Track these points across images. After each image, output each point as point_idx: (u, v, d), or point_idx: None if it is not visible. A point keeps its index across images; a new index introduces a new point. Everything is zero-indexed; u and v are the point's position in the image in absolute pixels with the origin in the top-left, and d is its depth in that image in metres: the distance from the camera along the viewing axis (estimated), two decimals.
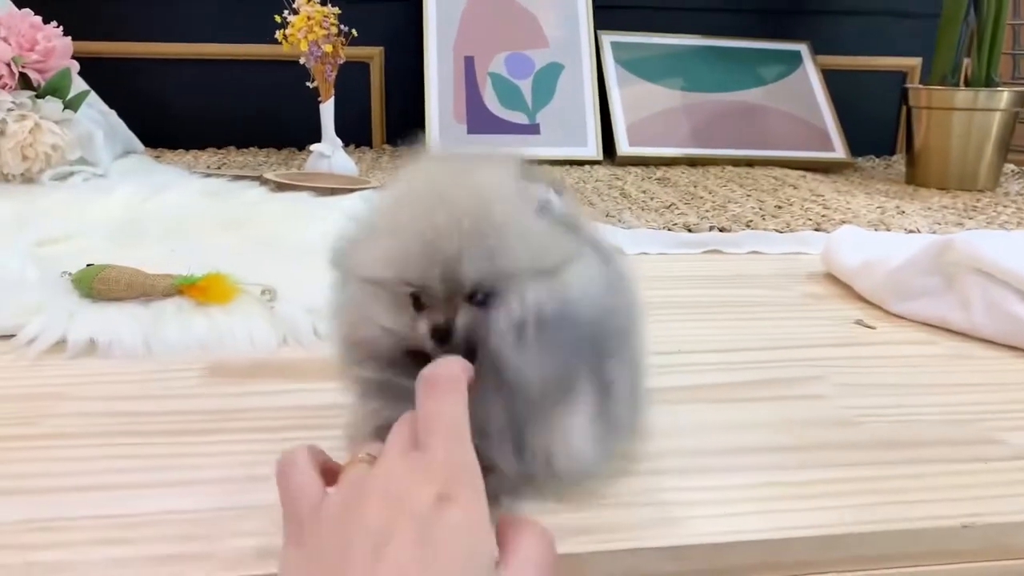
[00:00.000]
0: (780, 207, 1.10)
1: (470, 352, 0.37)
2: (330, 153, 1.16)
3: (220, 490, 0.41)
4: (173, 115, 1.54)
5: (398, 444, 0.33)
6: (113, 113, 1.33)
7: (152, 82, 1.53)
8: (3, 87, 0.97)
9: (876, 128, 1.74)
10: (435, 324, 0.37)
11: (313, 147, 1.17)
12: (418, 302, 0.38)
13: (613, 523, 0.39)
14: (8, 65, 0.98)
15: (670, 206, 1.08)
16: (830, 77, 1.63)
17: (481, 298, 0.37)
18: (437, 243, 0.36)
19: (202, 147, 1.54)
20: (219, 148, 1.54)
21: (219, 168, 1.30)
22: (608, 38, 1.58)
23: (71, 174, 1.04)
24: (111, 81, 1.39)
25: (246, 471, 0.43)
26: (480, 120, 1.45)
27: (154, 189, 0.94)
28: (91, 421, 0.49)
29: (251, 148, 1.55)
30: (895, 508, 0.41)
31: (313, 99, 1.18)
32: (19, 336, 0.59)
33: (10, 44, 0.98)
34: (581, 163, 1.44)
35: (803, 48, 1.66)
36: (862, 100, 1.69)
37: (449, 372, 0.35)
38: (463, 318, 0.37)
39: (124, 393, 0.52)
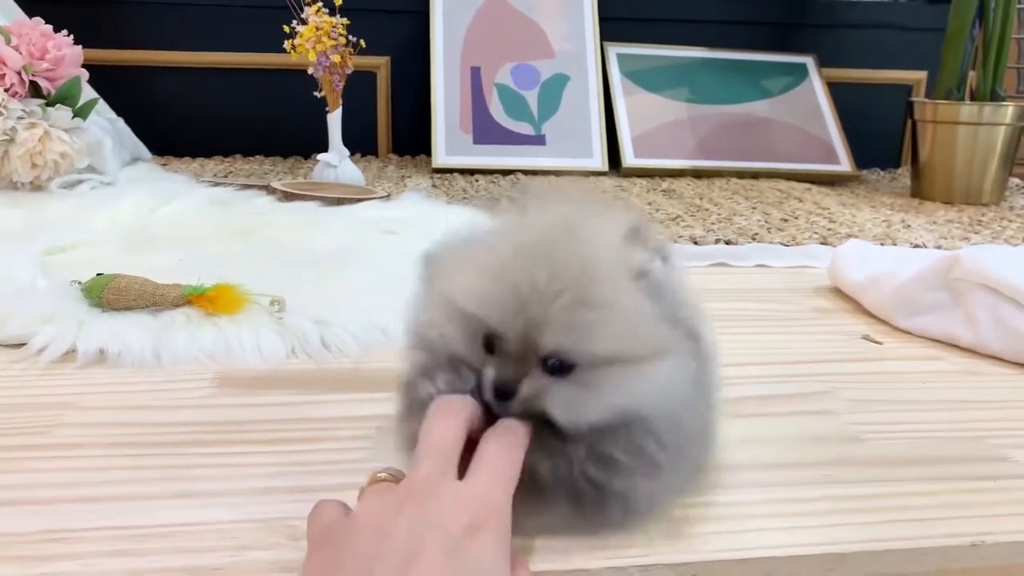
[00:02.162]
0: (786, 220, 1.10)
1: (526, 414, 0.36)
2: (337, 163, 1.17)
3: (231, 502, 0.41)
4: (180, 123, 1.54)
5: (436, 459, 0.34)
6: (121, 120, 1.33)
7: (160, 90, 1.54)
8: (13, 95, 0.98)
9: (881, 141, 1.74)
10: (500, 381, 0.36)
11: (320, 156, 1.18)
12: (490, 343, 0.37)
13: (623, 539, 0.39)
14: (19, 73, 0.98)
15: (676, 218, 1.08)
16: (836, 90, 1.64)
17: (555, 364, 0.35)
18: (528, 299, 0.35)
19: (209, 155, 1.54)
20: (226, 156, 1.55)
21: (226, 176, 1.30)
22: (614, 50, 1.58)
23: (79, 182, 1.04)
24: (119, 89, 1.40)
25: (256, 483, 0.43)
26: (486, 131, 1.45)
27: (162, 198, 0.95)
28: (101, 431, 0.49)
29: (257, 156, 1.56)
30: (903, 526, 0.41)
31: (320, 108, 1.19)
32: (29, 345, 0.59)
33: (21, 52, 0.99)
34: (586, 174, 1.45)
35: (809, 61, 1.66)
36: (867, 113, 1.70)
37: (521, 429, 0.36)
38: (529, 387, 0.36)
39: (134, 403, 0.53)
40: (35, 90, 1.01)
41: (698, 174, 1.48)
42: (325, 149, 1.19)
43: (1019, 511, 0.43)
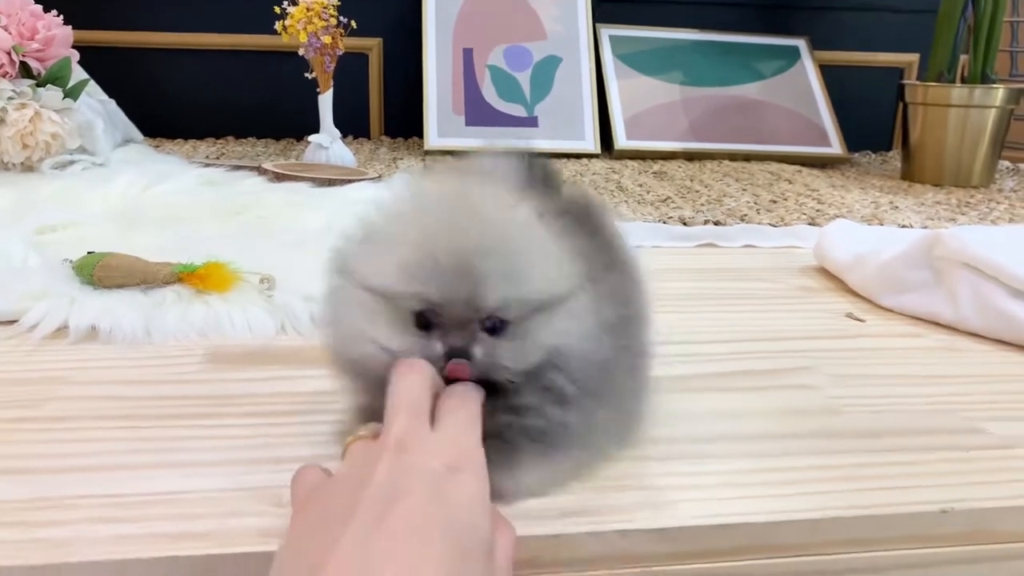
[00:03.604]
0: (775, 201, 1.11)
1: (480, 381, 0.37)
2: (328, 144, 1.17)
3: (220, 472, 0.42)
4: (172, 104, 1.54)
5: (409, 413, 0.34)
6: (112, 102, 1.33)
7: (151, 71, 1.53)
8: (3, 75, 0.98)
9: (873, 124, 1.75)
10: (453, 347, 0.36)
11: (311, 138, 1.18)
12: (422, 321, 0.37)
13: (604, 506, 0.40)
14: (8, 53, 0.98)
15: (666, 200, 1.09)
16: (828, 72, 1.64)
17: (493, 324, 0.36)
18: (467, 261, 0.35)
19: (201, 137, 1.54)
20: (218, 138, 1.55)
21: (218, 158, 1.30)
22: (607, 31, 1.58)
23: (71, 163, 1.04)
24: (110, 70, 1.39)
25: (245, 454, 0.44)
26: (478, 112, 1.45)
27: (153, 178, 0.95)
28: (93, 405, 0.50)
29: (249, 138, 1.56)
30: (877, 494, 0.42)
31: (311, 90, 1.19)
32: (22, 322, 0.59)
33: (10, 32, 0.99)
34: (578, 156, 1.45)
35: (801, 43, 1.66)
36: (859, 96, 1.70)
37: (472, 387, 0.37)
38: (482, 347, 0.36)
39: (125, 378, 0.53)
40: (25, 71, 1.01)
41: (690, 156, 1.48)
42: (317, 131, 1.19)
43: (988, 480, 0.44)
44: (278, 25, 1.13)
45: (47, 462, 0.43)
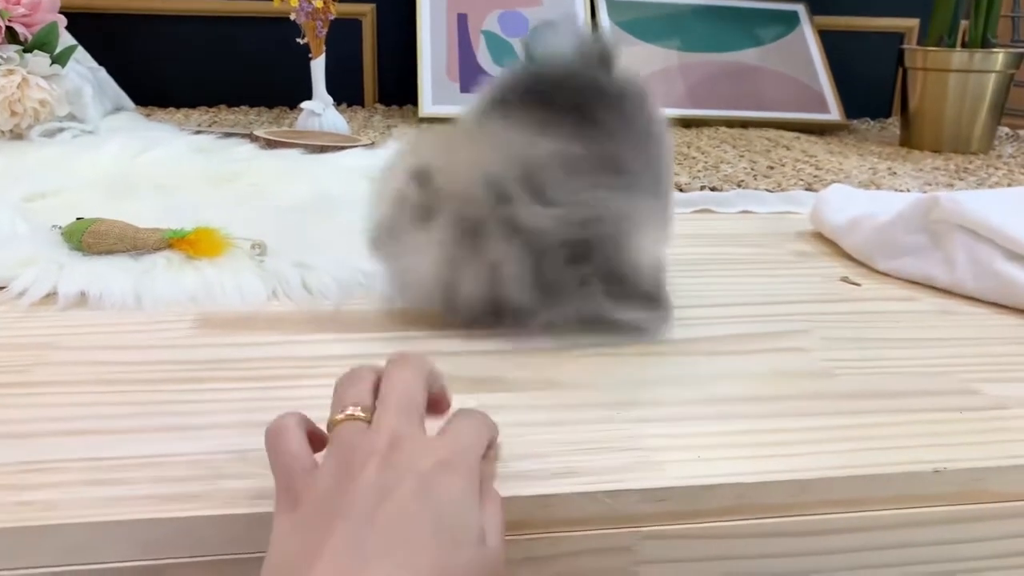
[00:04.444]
0: (772, 167, 1.10)
1: None
2: (321, 111, 1.15)
3: (213, 435, 0.42)
4: (163, 72, 1.52)
5: (402, 412, 0.34)
6: (102, 70, 1.31)
7: (142, 39, 1.51)
8: None
9: (872, 90, 1.73)
10: None
11: (304, 105, 1.17)
12: None
13: (594, 467, 0.40)
14: None
15: None
16: (827, 38, 1.62)
17: None
18: None
19: (193, 105, 1.52)
20: (210, 106, 1.53)
21: (210, 126, 1.29)
22: None
23: (60, 130, 1.03)
24: (100, 38, 1.38)
25: (238, 417, 0.44)
26: (473, 78, 1.44)
27: (144, 145, 0.94)
28: (83, 369, 0.49)
29: (242, 107, 1.54)
30: (870, 454, 0.42)
31: (304, 57, 1.17)
32: (10, 288, 0.59)
33: None
34: None
35: (800, 8, 1.64)
36: (859, 61, 1.68)
37: (484, 416, 0.38)
38: None
39: (115, 343, 0.53)
40: (11, 36, 0.99)
41: (687, 123, 1.47)
42: (310, 98, 1.18)
43: (983, 440, 0.44)
44: None
45: (37, 426, 0.43)
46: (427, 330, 0.56)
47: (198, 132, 1.07)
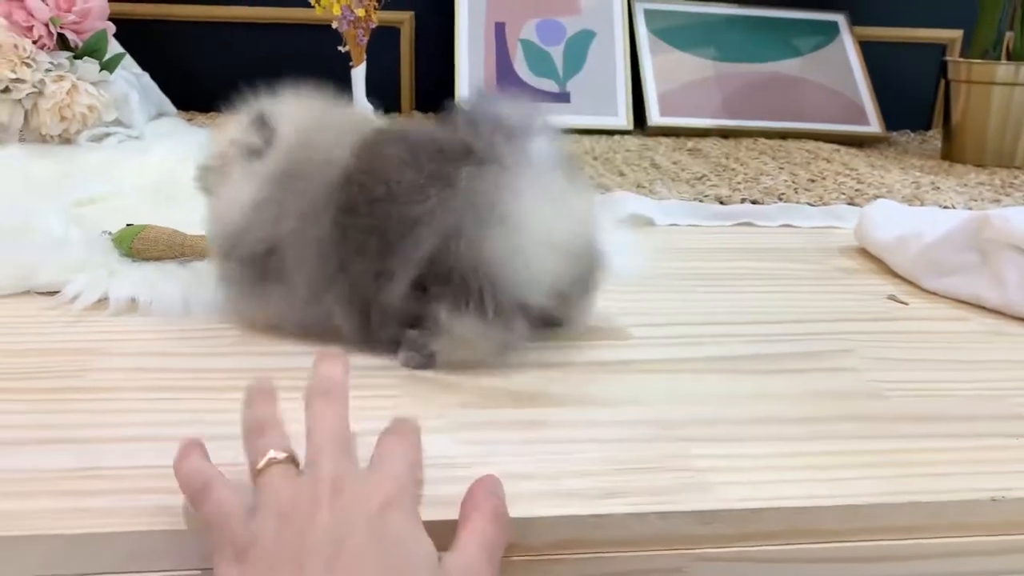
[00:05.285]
0: (813, 180, 1.09)
1: None
2: None
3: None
4: (204, 78, 1.54)
5: (335, 452, 0.35)
6: (146, 75, 1.34)
7: (185, 44, 1.54)
8: (41, 47, 0.99)
9: (913, 102, 1.71)
10: None
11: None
12: None
13: (642, 487, 0.40)
14: (46, 25, 0.99)
15: (701, 178, 1.07)
16: (867, 48, 1.60)
17: None
18: None
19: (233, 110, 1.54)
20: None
21: None
22: (641, 5, 1.56)
23: (107, 135, 1.05)
24: (144, 43, 1.40)
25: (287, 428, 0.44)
26: (510, 87, 1.44)
27: (190, 150, 0.95)
28: (133, 376, 0.50)
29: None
30: (923, 480, 0.41)
31: (343, 64, 1.18)
32: (62, 293, 0.60)
33: (48, 4, 0.99)
34: (611, 133, 1.43)
35: (840, 19, 1.62)
36: (899, 73, 1.66)
37: (414, 426, 0.39)
38: None
39: (165, 350, 0.54)
40: (63, 43, 1.01)
41: (725, 134, 1.46)
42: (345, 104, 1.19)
43: None
44: None
45: (87, 432, 0.43)
46: None
47: None
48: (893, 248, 0.75)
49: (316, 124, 0.55)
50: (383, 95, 1.53)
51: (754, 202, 0.95)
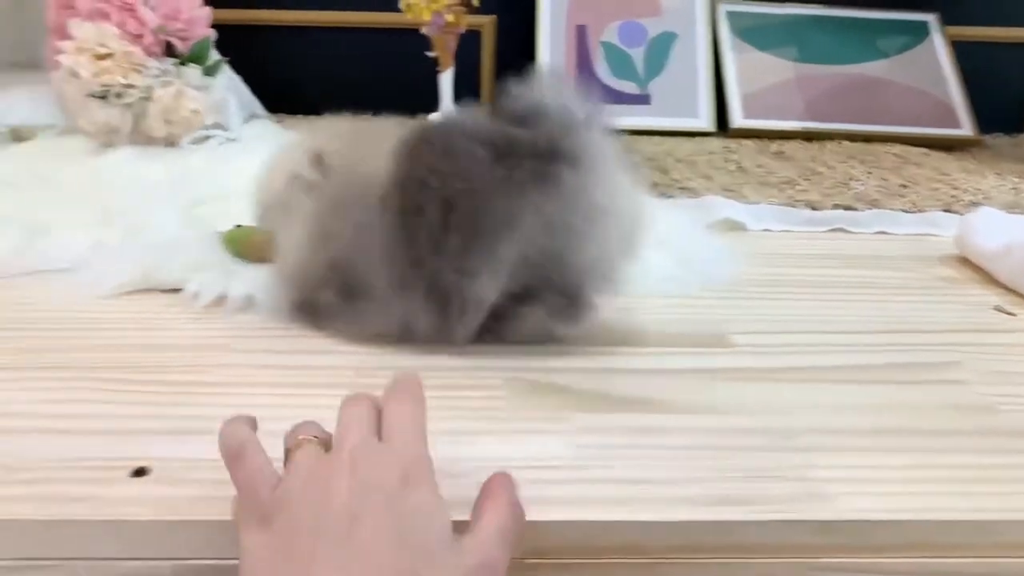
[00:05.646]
0: (905, 186, 1.07)
1: None
2: None
3: None
4: (292, 81, 1.59)
5: (359, 430, 0.37)
6: (237, 78, 1.38)
7: (273, 48, 1.58)
8: (150, 54, 1.03)
9: (1006, 104, 1.65)
10: None
11: (431, 116, 1.20)
12: None
13: (759, 495, 0.40)
14: (155, 34, 1.03)
15: (790, 182, 1.06)
16: (959, 49, 1.55)
17: None
18: None
19: (319, 113, 1.58)
20: (336, 115, 1.58)
21: None
22: (725, 7, 1.54)
23: (207, 138, 1.09)
24: (234, 47, 1.45)
25: (431, 425, 0.45)
26: (591, 89, 1.44)
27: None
28: (257, 372, 0.53)
29: (365, 115, 1.59)
30: None
31: (426, 68, 1.20)
32: (183, 291, 0.63)
33: (157, 13, 1.04)
34: (692, 135, 1.43)
35: (931, 19, 1.58)
36: (992, 73, 1.60)
37: (416, 381, 0.40)
38: None
39: (285, 347, 0.56)
40: (169, 50, 1.06)
41: (808, 137, 1.44)
42: (432, 109, 1.21)
43: None
44: (402, 2, 1.14)
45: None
46: (606, 346, 0.57)
47: None
48: (998, 257, 0.73)
49: (355, 144, 0.57)
50: (464, 98, 1.55)
51: (846, 208, 0.94)
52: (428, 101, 1.23)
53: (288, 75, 1.59)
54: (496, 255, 0.50)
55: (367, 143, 0.57)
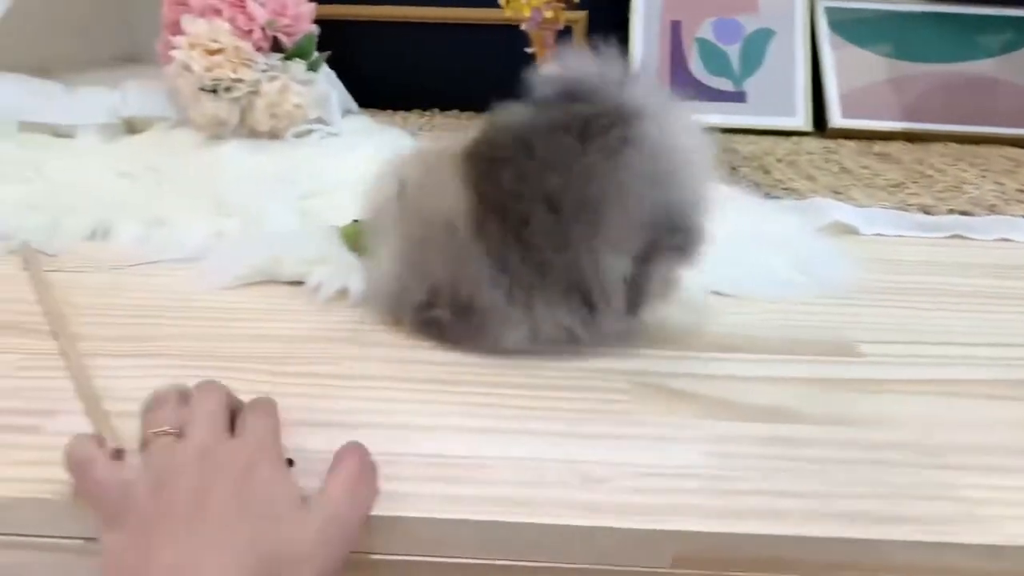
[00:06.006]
0: (1023, 191, 1.02)
1: None
2: None
3: (542, 440, 0.45)
4: (385, 76, 1.61)
5: (211, 425, 0.38)
6: (333, 74, 1.41)
7: (366, 44, 1.60)
8: (258, 49, 1.06)
9: None
10: None
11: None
12: None
13: (915, 515, 0.39)
14: (263, 29, 1.06)
15: (899, 185, 1.03)
16: None
17: None
18: None
19: (408, 108, 1.60)
20: (424, 110, 1.60)
21: (430, 129, 1.35)
22: (823, 3, 1.50)
23: (309, 132, 1.11)
24: (331, 43, 1.47)
25: (563, 426, 0.46)
26: (684, 87, 1.42)
27: (391, 149, 1.00)
28: (386, 366, 0.53)
29: (453, 111, 1.60)
30: None
31: (516, 63, 1.20)
32: (306, 284, 0.64)
33: (265, 8, 1.06)
34: (788, 134, 1.39)
35: None
36: None
37: (272, 403, 0.42)
38: None
39: (408, 342, 0.56)
40: (275, 45, 1.08)
41: (911, 137, 1.39)
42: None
43: None
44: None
45: (361, 417, 0.47)
46: (728, 352, 0.56)
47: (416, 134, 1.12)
48: None
49: (423, 174, 0.57)
50: None
51: (963, 213, 0.90)
52: (513, 96, 1.23)
53: (380, 71, 1.61)
54: (618, 227, 0.50)
55: (439, 167, 0.56)
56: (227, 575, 0.32)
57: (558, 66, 0.53)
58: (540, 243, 0.50)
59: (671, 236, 0.51)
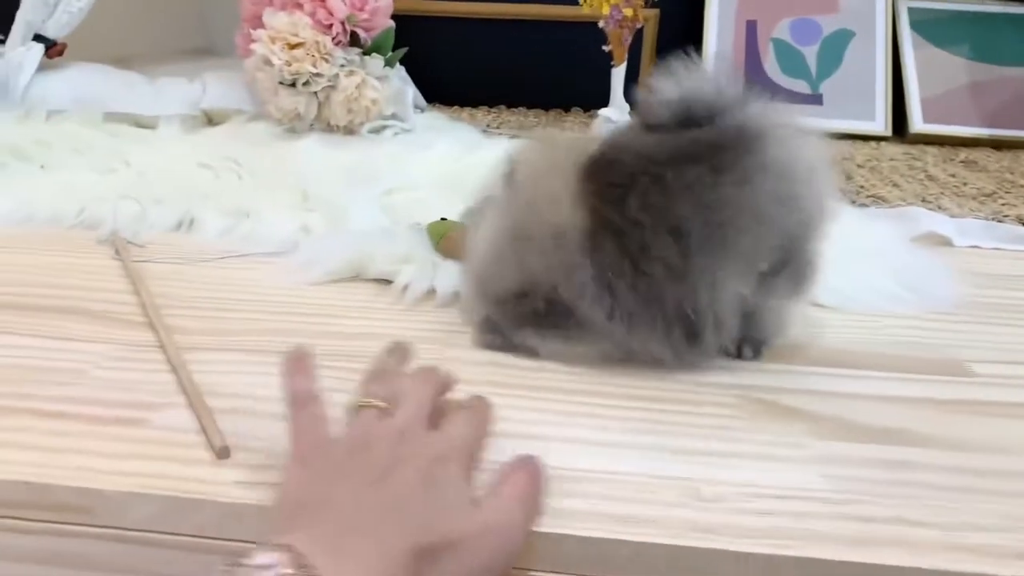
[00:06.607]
0: None
1: None
2: (616, 119, 1.16)
3: (637, 455, 0.44)
4: (453, 72, 1.60)
5: (417, 413, 0.40)
6: (402, 69, 1.41)
7: (440, 39, 1.60)
8: (337, 44, 1.06)
9: None
10: None
11: (601, 112, 1.18)
12: None
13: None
14: (343, 23, 1.06)
15: (991, 194, 0.99)
16: None
17: None
18: None
19: (475, 104, 1.59)
20: (491, 107, 1.59)
21: (498, 127, 1.35)
22: (906, 3, 1.45)
23: (384, 127, 1.11)
24: (405, 39, 1.47)
25: (652, 439, 0.45)
26: (760, 88, 1.39)
27: (466, 147, 0.99)
28: (481, 370, 0.52)
29: (520, 108, 1.59)
30: None
31: (602, 62, 1.19)
32: (394, 283, 0.64)
33: (345, 3, 1.06)
34: (866, 138, 1.35)
35: None
36: None
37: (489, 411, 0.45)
38: None
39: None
40: (353, 40, 1.08)
41: (997, 144, 1.34)
42: (584, 104, 1.19)
43: None
44: None
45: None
46: (836, 367, 0.55)
47: (514, 136, 1.11)
48: None
49: (543, 175, 0.53)
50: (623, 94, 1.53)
51: None
52: (579, 95, 1.21)
53: (449, 66, 1.60)
54: (746, 254, 0.49)
55: (553, 163, 0.54)
56: (390, 543, 0.33)
57: (671, 83, 0.51)
58: (657, 272, 0.48)
59: (790, 260, 0.50)
